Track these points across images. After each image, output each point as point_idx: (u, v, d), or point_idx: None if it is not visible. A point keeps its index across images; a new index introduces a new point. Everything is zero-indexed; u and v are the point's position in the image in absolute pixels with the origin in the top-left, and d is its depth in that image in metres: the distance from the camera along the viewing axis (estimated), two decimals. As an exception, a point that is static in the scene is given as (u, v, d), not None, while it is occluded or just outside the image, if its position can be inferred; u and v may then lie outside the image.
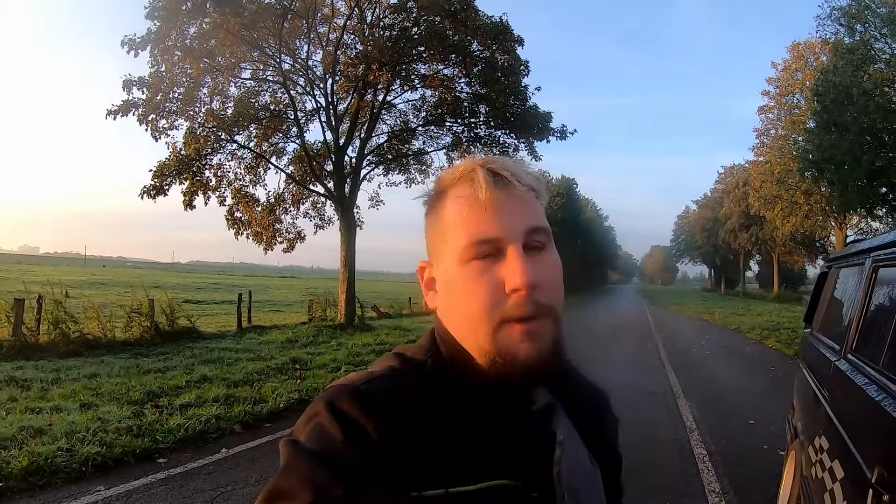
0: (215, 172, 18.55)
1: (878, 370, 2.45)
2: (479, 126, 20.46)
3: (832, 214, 36.54)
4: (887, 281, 2.94)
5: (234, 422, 7.35)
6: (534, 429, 0.89)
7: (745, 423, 8.19)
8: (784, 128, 38.90)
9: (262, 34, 16.68)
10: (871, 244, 3.40)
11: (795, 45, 38.46)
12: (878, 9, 23.67)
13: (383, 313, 25.72)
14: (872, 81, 23.17)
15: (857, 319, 3.19)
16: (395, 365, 0.90)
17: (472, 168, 0.88)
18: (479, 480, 0.78)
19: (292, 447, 0.77)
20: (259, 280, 73.37)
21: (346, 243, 18.99)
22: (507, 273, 0.82)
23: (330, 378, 9.85)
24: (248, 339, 14.66)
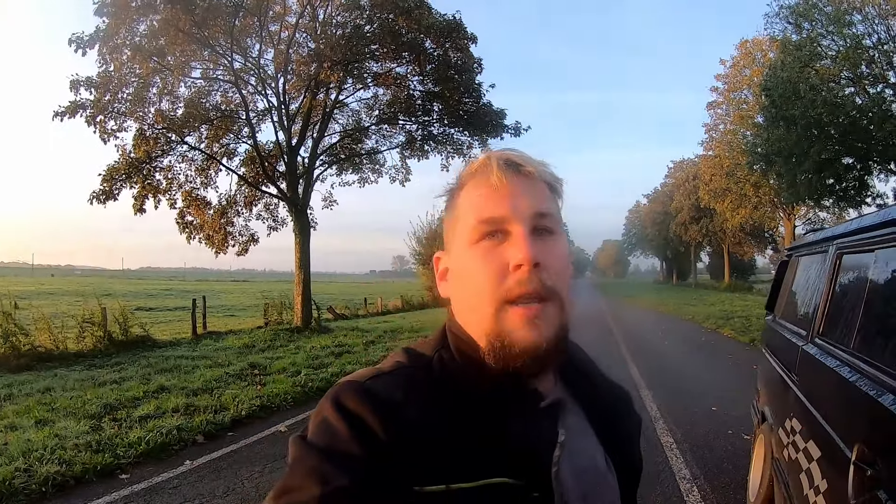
0: (165, 175, 18.16)
1: (850, 352, 2.52)
2: (432, 124, 20.45)
3: (781, 206, 37.54)
4: (852, 267, 3.02)
5: (196, 432, 7.17)
6: (538, 427, 0.89)
7: (708, 410, 8.32)
8: (733, 123, 39.76)
9: (212, 32, 16.32)
10: (834, 232, 3.49)
11: (744, 42, 39.27)
12: (825, 7, 24.32)
13: (339, 315, 25.62)
14: (819, 77, 23.80)
15: (823, 305, 3.27)
16: (403, 361, 0.91)
17: (487, 156, 0.91)
18: (481, 478, 0.79)
19: (300, 443, 0.79)
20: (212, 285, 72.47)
21: (300, 245, 18.74)
22: (510, 251, 0.83)
23: (290, 383, 9.81)
24: (205, 346, 14.43)
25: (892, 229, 2.33)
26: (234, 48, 16.85)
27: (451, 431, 0.81)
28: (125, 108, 16.51)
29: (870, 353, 2.28)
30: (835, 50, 24.43)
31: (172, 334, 17.04)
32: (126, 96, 16.41)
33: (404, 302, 33.47)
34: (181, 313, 23.55)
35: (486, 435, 0.83)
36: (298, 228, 18.77)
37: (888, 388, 1.90)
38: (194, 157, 18.63)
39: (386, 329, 18.76)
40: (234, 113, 18.42)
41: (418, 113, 20.06)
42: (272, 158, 19.22)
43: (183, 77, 17.20)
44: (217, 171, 19.32)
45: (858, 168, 26.53)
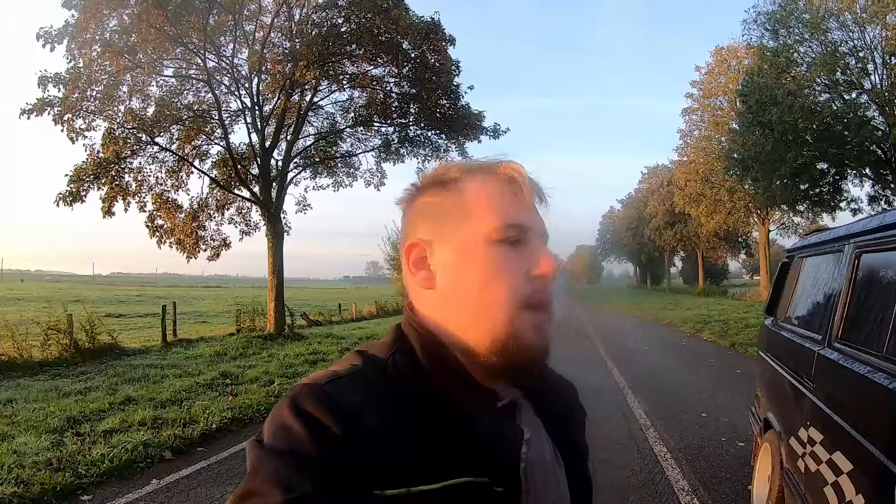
0: (135, 177, 17.63)
1: (885, 357, 2.34)
2: (408, 127, 20.18)
3: (755, 211, 37.88)
4: (876, 266, 2.89)
5: (164, 448, 6.70)
6: (498, 425, 0.90)
7: (698, 416, 8.14)
8: (708, 129, 40.18)
9: (185, 29, 15.83)
10: (850, 230, 3.36)
11: (719, 49, 39.81)
12: (803, 14, 24.65)
13: (313, 321, 25.33)
14: (796, 83, 24.18)
15: (842, 307, 3.09)
16: (358, 363, 0.89)
17: (515, 168, 0.92)
18: (443, 479, 0.79)
19: (258, 448, 0.78)
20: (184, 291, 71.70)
21: (273, 250, 18.32)
22: (534, 259, 0.88)
23: (264, 393, 9.42)
24: (175, 354, 13.93)
25: None
26: (208, 46, 16.44)
27: (410, 434, 0.81)
28: (94, 106, 16.01)
29: None
30: (811, 56, 25.00)
31: (142, 342, 16.51)
32: (95, 94, 15.91)
33: (378, 308, 33.29)
34: (152, 320, 23.03)
35: (446, 435, 0.83)
36: (271, 233, 18.33)
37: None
38: (165, 158, 18.08)
39: (361, 336, 18.41)
40: (206, 113, 17.94)
41: (394, 115, 19.76)
42: (245, 161, 18.76)
43: (154, 75, 16.72)
44: (188, 174, 18.78)
45: (833, 173, 26.97)
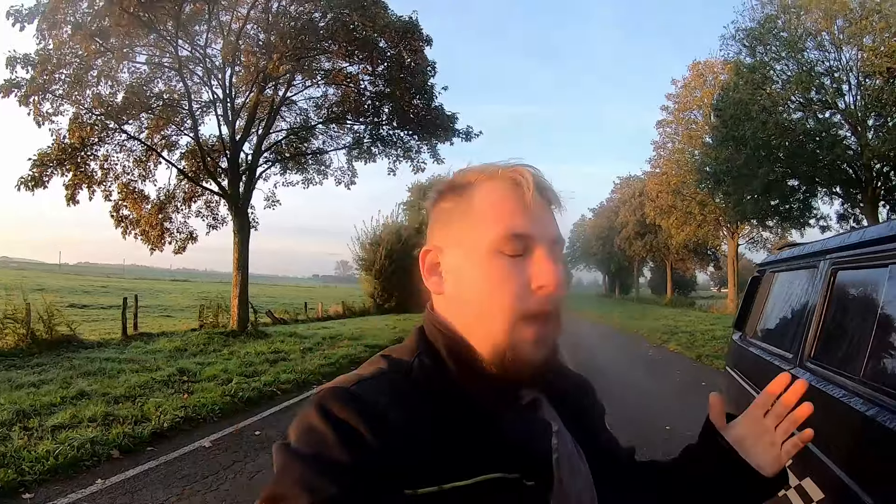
0: (101, 165, 17.24)
1: (861, 381, 2.21)
2: (381, 126, 20.07)
3: (725, 224, 38.25)
4: (853, 283, 2.79)
5: (112, 446, 6.44)
6: (525, 421, 0.92)
7: (662, 429, 8.05)
8: (681, 141, 40.51)
9: (160, 16, 15.51)
10: (826, 245, 3.21)
11: (696, 64, 40.18)
12: (781, 33, 24.97)
13: (278, 319, 25.14)
14: (770, 100, 24.51)
15: (816, 325, 2.97)
16: (384, 366, 0.91)
17: (521, 172, 0.92)
18: (473, 475, 0.80)
19: (285, 451, 0.78)
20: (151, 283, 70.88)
21: (239, 245, 18.04)
22: (536, 270, 0.87)
23: (220, 392, 9.14)
24: (134, 348, 13.57)
25: None
26: (181, 35, 16.11)
27: (438, 433, 0.82)
28: (63, 90, 15.66)
29: (886, 383, 2.00)
30: (787, 74, 25.33)
31: (102, 334, 16.12)
32: (64, 77, 15.55)
33: (345, 308, 33.06)
34: (115, 312, 22.54)
35: (474, 433, 0.84)
36: (238, 227, 18.07)
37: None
38: (133, 147, 17.75)
39: (325, 336, 18.10)
40: (176, 103, 17.59)
41: (368, 114, 19.62)
42: (214, 153, 18.49)
43: (125, 61, 16.33)
44: (156, 164, 18.43)
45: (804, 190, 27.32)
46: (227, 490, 5.48)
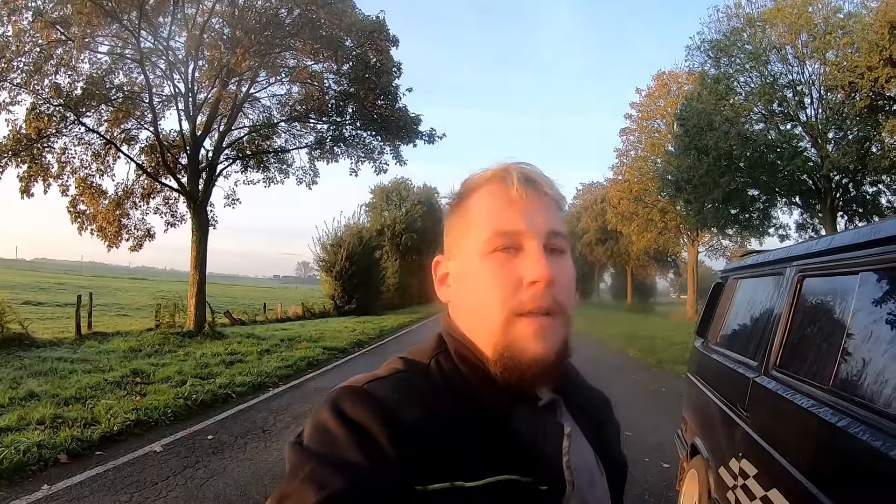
0: (59, 158, 16.88)
1: (830, 391, 2.16)
2: (344, 125, 19.95)
3: (686, 232, 38.77)
4: (821, 291, 2.76)
5: (60, 450, 6.20)
6: (540, 423, 0.90)
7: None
8: (644, 149, 41.02)
9: (123, 5, 15.04)
10: (792, 252, 3.22)
11: (660, 73, 40.72)
12: (746, 45, 25.42)
13: (237, 320, 24.85)
14: (733, 110, 24.97)
15: (782, 333, 2.94)
16: (400, 367, 0.90)
17: (506, 169, 0.92)
18: (486, 476, 0.79)
19: (297, 450, 0.78)
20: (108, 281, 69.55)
21: (197, 243, 17.68)
22: (526, 266, 0.85)
23: (173, 394, 8.91)
24: (88, 348, 13.23)
25: (886, 248, 2.01)
26: (144, 25, 15.72)
27: (452, 432, 0.81)
28: (21, 78, 15.25)
29: (857, 393, 1.96)
30: (751, 86, 25.78)
31: (55, 333, 15.69)
32: (23, 66, 15.18)
33: (305, 309, 32.80)
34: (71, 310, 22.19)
35: (488, 434, 0.84)
36: (196, 225, 17.74)
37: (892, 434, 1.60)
38: (91, 140, 17.36)
39: (283, 337, 17.95)
40: (137, 96, 17.22)
41: (331, 113, 19.51)
42: (175, 149, 18.13)
43: (86, 51, 15.93)
44: (115, 158, 18.07)
45: (763, 200, 27.80)
46: (176, 497, 5.30)
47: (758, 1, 26.45)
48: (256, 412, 8.87)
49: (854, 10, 23.90)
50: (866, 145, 22.77)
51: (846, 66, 22.09)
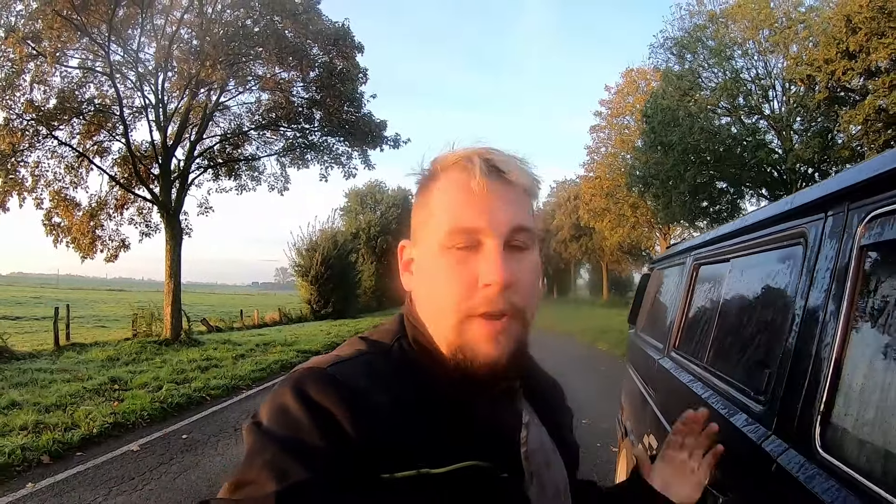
0: (32, 171, 16.92)
1: (704, 367, 2.43)
2: (313, 132, 20.13)
3: (657, 226, 39.09)
4: (708, 277, 2.96)
5: (42, 451, 6.57)
6: (497, 410, 0.91)
7: (578, 423, 8.29)
8: (614, 146, 41.21)
9: (92, 19, 15.23)
10: (691, 243, 3.46)
11: (629, 71, 40.92)
12: (708, 41, 25.73)
13: (213, 327, 24.91)
14: (698, 106, 25.29)
15: (679, 316, 3.21)
16: (363, 349, 0.90)
17: (470, 156, 0.88)
18: (451, 462, 0.79)
19: (256, 432, 0.76)
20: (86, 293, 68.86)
21: (171, 252, 17.84)
22: (482, 267, 0.83)
23: (149, 399, 9.19)
24: (66, 359, 13.43)
25: (748, 236, 2.23)
26: (114, 38, 15.87)
27: (416, 418, 0.81)
28: (-7, 95, 15.27)
29: (722, 368, 2.19)
30: (714, 82, 26.00)
31: (35, 345, 15.87)
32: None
33: (282, 315, 32.81)
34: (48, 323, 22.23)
35: (450, 420, 0.84)
36: (170, 234, 17.86)
37: (740, 406, 1.78)
38: (64, 153, 17.43)
39: (259, 342, 18.10)
40: (108, 108, 17.31)
41: (299, 120, 19.65)
42: (147, 159, 18.22)
43: (58, 65, 16.01)
44: (88, 171, 18.15)
45: (731, 192, 28.13)
46: (151, 489, 5.66)
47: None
48: (230, 413, 9.18)
49: (815, 4, 24.23)
50: (829, 137, 23.10)
51: (805, 59, 22.47)
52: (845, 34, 19.38)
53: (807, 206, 1.59)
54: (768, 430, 1.50)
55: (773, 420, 1.50)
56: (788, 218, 1.75)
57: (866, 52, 18.82)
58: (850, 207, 1.34)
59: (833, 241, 1.40)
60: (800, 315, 1.49)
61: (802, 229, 1.60)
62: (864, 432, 1.13)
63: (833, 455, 1.18)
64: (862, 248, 1.26)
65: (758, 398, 1.66)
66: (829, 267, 1.38)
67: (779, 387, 1.50)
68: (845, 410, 1.21)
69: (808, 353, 1.38)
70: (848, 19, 19.11)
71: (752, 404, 1.69)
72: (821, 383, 1.28)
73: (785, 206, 1.78)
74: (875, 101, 18.86)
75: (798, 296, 1.53)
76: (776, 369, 1.55)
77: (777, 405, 1.49)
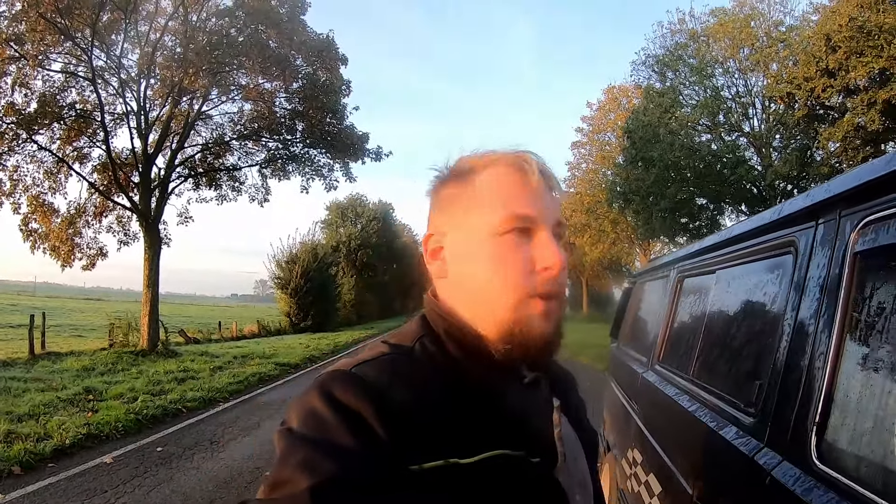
0: (10, 176, 16.73)
1: (689, 379, 2.40)
2: (294, 143, 20.05)
3: (637, 242, 39.24)
4: (692, 290, 2.94)
5: (13, 462, 6.42)
6: (529, 398, 0.95)
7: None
8: (595, 162, 41.39)
9: (76, 23, 15.04)
10: (675, 256, 3.46)
11: (610, 87, 41.14)
12: (690, 59, 25.96)
13: (191, 338, 24.53)
14: (678, 123, 25.44)
15: (663, 330, 3.18)
16: (385, 350, 0.91)
17: (525, 157, 0.96)
18: (479, 452, 0.81)
19: (287, 436, 0.78)
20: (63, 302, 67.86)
21: (149, 261, 17.58)
22: (540, 252, 0.91)
23: (124, 409, 9.04)
24: (41, 368, 13.11)
25: (735, 247, 2.21)
26: (97, 43, 15.71)
27: (442, 411, 0.83)
28: (-26, 98, 15.10)
29: (710, 381, 2.16)
30: (695, 99, 26.21)
31: (8, 353, 15.57)
32: (-24, 84, 15.02)
33: (261, 327, 32.47)
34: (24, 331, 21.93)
35: (478, 411, 0.86)
36: (148, 243, 17.61)
37: (729, 418, 1.75)
38: (44, 158, 17.20)
39: (237, 354, 17.93)
40: (89, 114, 17.10)
41: (282, 131, 19.57)
42: (127, 167, 17.99)
43: (40, 69, 15.84)
44: (67, 176, 17.87)
45: (711, 208, 28.28)
46: (124, 503, 5.51)
47: (701, 17, 26.94)
48: (206, 425, 9.03)
49: (795, 23, 24.55)
50: (808, 153, 23.34)
51: (785, 77, 22.71)
52: (825, 53, 19.60)
53: (796, 214, 1.59)
54: (760, 443, 1.48)
55: (765, 432, 1.47)
56: (777, 227, 1.75)
57: (845, 71, 19.01)
58: (843, 214, 1.33)
59: (825, 249, 1.39)
60: (791, 325, 1.47)
61: (792, 238, 1.60)
62: (863, 442, 1.11)
63: (830, 466, 1.16)
64: (856, 255, 1.25)
65: (748, 410, 1.63)
66: (822, 275, 1.37)
67: (771, 398, 1.48)
68: (842, 421, 1.19)
69: (801, 363, 1.37)
70: (828, 38, 19.34)
71: (742, 417, 1.66)
72: (816, 393, 1.26)
73: (773, 216, 1.78)
74: (854, 119, 19.06)
75: (789, 305, 1.52)
76: (767, 381, 1.53)
77: (769, 417, 1.47)
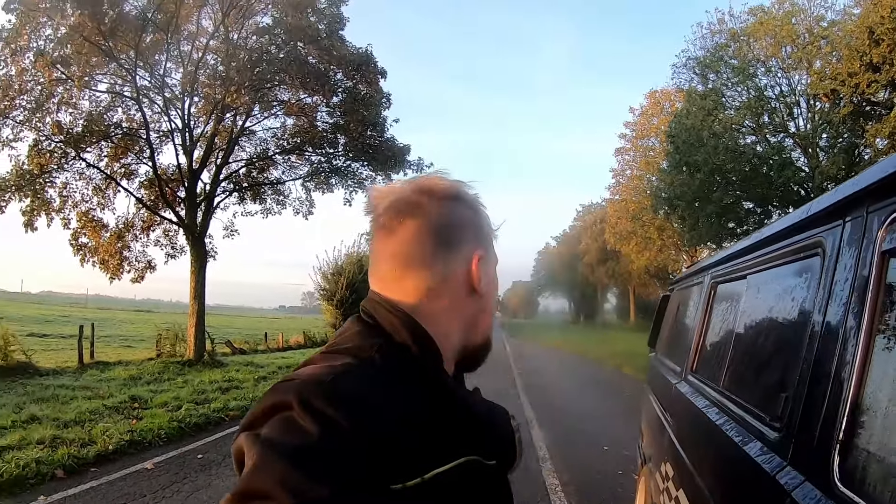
0: (60, 192, 17.14)
1: (720, 391, 2.26)
2: (337, 157, 20.19)
3: (684, 248, 38.57)
4: (724, 296, 2.82)
5: (57, 466, 6.57)
6: (488, 405, 1.02)
7: (600, 449, 8.20)
8: (639, 168, 40.84)
9: (120, 45, 15.50)
10: (709, 261, 3.34)
11: (653, 92, 40.55)
12: (731, 60, 25.48)
13: (237, 349, 24.90)
14: (722, 125, 24.89)
15: (697, 338, 3.06)
16: (350, 361, 0.87)
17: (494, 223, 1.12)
18: (451, 459, 0.83)
19: (262, 445, 0.73)
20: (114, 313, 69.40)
21: (196, 274, 17.93)
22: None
23: (167, 417, 9.18)
24: (89, 376, 13.48)
25: (764, 250, 2.09)
26: (141, 64, 16.11)
27: (418, 421, 0.82)
28: (23, 116, 15.60)
29: (738, 393, 2.03)
30: (738, 100, 25.65)
31: (59, 362, 15.93)
32: (25, 104, 15.52)
33: (306, 338, 32.71)
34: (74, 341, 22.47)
35: (447, 418, 0.87)
36: (195, 257, 17.97)
37: (755, 433, 1.63)
38: (92, 175, 17.65)
39: (281, 365, 18.12)
40: (135, 132, 17.48)
41: (324, 144, 19.74)
42: (173, 182, 18.38)
43: (86, 89, 16.31)
44: (115, 192, 18.32)
45: (759, 212, 27.64)
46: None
47: (741, 16, 26.44)
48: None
49: (837, 17, 23.92)
50: (855, 152, 22.70)
51: (828, 73, 22.17)
52: (868, 46, 19.05)
53: (823, 212, 1.48)
54: (784, 461, 1.37)
55: (788, 449, 1.37)
56: (804, 227, 1.64)
57: (890, 64, 18.45)
58: (870, 210, 1.22)
59: (852, 249, 1.28)
60: (818, 333, 1.37)
61: (819, 238, 1.49)
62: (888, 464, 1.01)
63: (852, 490, 1.06)
64: (884, 254, 1.15)
65: (773, 425, 1.53)
66: (849, 277, 1.27)
67: (795, 412, 1.38)
68: (867, 439, 1.08)
69: (826, 374, 1.26)
70: (871, 31, 18.78)
71: (767, 431, 1.56)
72: (840, 408, 1.16)
73: (801, 215, 1.66)
74: (901, 113, 18.45)
75: (816, 311, 1.41)
76: (793, 393, 1.42)
77: (794, 433, 1.36)
